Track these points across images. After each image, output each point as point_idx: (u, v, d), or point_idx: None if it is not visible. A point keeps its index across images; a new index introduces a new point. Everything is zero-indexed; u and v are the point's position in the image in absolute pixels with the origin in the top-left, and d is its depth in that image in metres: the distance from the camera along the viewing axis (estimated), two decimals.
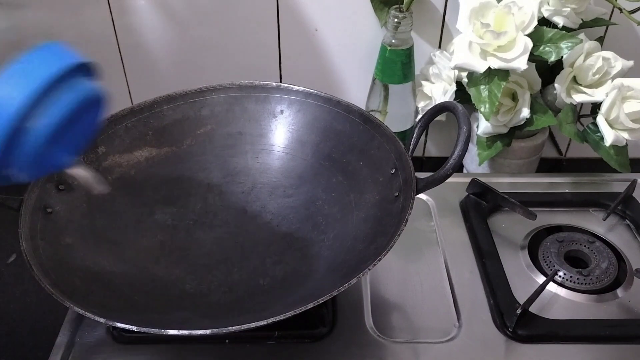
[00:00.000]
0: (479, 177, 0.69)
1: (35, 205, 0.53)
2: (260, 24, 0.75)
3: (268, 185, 0.64)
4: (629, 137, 0.67)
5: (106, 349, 0.54)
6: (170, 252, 0.59)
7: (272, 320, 0.43)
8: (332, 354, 0.54)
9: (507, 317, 0.55)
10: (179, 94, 0.64)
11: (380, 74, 0.73)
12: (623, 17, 0.67)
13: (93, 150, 0.59)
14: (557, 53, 0.65)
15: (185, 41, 0.76)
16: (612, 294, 0.59)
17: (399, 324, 0.56)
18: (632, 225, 0.67)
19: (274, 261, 0.58)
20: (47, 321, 0.61)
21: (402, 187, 0.54)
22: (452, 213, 0.68)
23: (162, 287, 0.55)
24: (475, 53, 0.65)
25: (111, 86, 0.79)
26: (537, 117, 0.70)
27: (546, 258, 0.62)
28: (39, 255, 0.50)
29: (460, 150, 0.52)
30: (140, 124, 0.62)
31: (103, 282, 0.52)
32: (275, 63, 0.78)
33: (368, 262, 0.46)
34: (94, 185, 0.47)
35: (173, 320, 0.51)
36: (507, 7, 0.64)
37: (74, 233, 0.55)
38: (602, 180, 0.73)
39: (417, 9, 0.72)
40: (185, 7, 0.74)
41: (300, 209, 0.61)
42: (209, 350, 0.54)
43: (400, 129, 0.76)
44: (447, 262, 0.62)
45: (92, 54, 0.81)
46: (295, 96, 0.64)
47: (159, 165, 0.63)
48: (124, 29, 0.75)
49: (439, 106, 0.57)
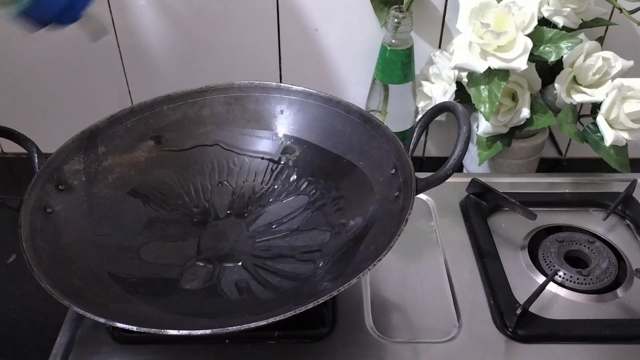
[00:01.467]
0: (479, 177, 0.69)
1: (35, 205, 0.53)
2: (260, 24, 0.75)
3: (268, 186, 0.64)
4: (629, 137, 0.67)
5: (106, 349, 0.54)
6: (171, 252, 0.59)
7: (272, 320, 0.43)
8: (332, 354, 0.54)
9: (507, 317, 0.55)
10: (179, 94, 0.64)
11: (380, 74, 0.73)
12: (623, 17, 0.67)
13: (93, 150, 0.60)
14: (557, 53, 0.65)
15: (185, 41, 0.76)
16: (612, 294, 0.59)
17: (399, 324, 0.56)
18: (632, 225, 0.67)
19: (274, 260, 0.58)
20: (47, 321, 0.61)
21: (402, 187, 0.54)
22: (452, 213, 0.68)
23: (162, 287, 0.55)
24: (475, 53, 0.65)
25: (111, 86, 0.80)
26: (537, 117, 0.70)
27: (546, 258, 0.62)
28: (39, 255, 0.50)
29: (460, 150, 0.52)
30: (140, 124, 0.62)
31: (103, 282, 0.52)
32: (275, 63, 0.78)
33: (368, 262, 0.46)
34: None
35: (173, 320, 0.50)
36: (507, 7, 0.64)
37: (74, 233, 0.55)
38: (602, 180, 0.73)
39: (417, 9, 0.72)
40: (185, 7, 0.74)
41: (301, 209, 0.62)
42: (209, 350, 0.54)
43: (400, 129, 0.76)
44: (447, 262, 0.62)
45: (92, 54, 0.81)
46: (295, 96, 0.64)
47: (159, 165, 0.63)
48: (124, 29, 0.75)
49: (439, 106, 0.57)
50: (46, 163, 0.56)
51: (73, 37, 0.75)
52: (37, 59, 0.77)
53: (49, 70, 0.79)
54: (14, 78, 0.80)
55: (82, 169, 0.58)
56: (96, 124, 0.60)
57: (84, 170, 0.58)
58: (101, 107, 0.63)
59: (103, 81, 0.80)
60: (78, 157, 0.58)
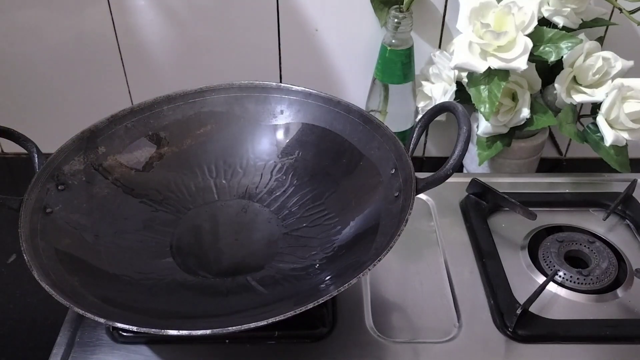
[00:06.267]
0: (479, 177, 0.69)
1: (35, 205, 0.53)
2: (260, 24, 0.75)
3: (268, 185, 0.64)
4: (629, 137, 0.67)
5: (106, 349, 0.54)
6: (170, 252, 0.59)
7: (272, 320, 0.43)
8: (332, 354, 0.54)
9: (507, 317, 0.55)
10: (179, 94, 0.64)
11: (380, 74, 0.73)
12: (623, 17, 0.67)
13: (93, 150, 0.60)
14: (557, 53, 0.65)
15: (185, 41, 0.76)
16: (612, 294, 0.59)
17: (399, 324, 0.56)
18: (632, 225, 0.67)
19: (274, 259, 0.58)
20: (47, 321, 0.61)
21: (402, 187, 0.54)
22: (452, 213, 0.68)
23: (162, 287, 0.55)
24: (475, 53, 0.65)
25: (111, 86, 0.80)
26: (537, 117, 0.70)
27: (546, 258, 0.62)
28: (39, 255, 0.50)
29: (460, 150, 0.52)
30: (140, 124, 0.63)
31: (103, 283, 0.52)
32: (275, 63, 0.78)
33: (368, 262, 0.46)
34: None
35: (173, 320, 0.50)
36: (507, 7, 0.64)
37: (74, 233, 0.55)
38: (602, 180, 0.73)
39: (417, 9, 0.72)
40: (185, 7, 0.74)
41: (301, 209, 0.62)
42: (209, 350, 0.54)
43: (400, 129, 0.76)
44: (447, 262, 0.62)
45: (92, 54, 0.82)
46: (295, 96, 0.64)
47: (159, 166, 0.63)
48: (124, 29, 0.75)
49: (439, 106, 0.57)
50: (46, 163, 0.56)
51: (73, 37, 0.76)
52: (37, 59, 0.78)
53: (49, 70, 0.79)
54: (14, 78, 0.80)
55: (82, 169, 0.58)
56: (96, 124, 0.60)
57: (84, 170, 0.58)
58: (101, 107, 0.63)
59: (103, 81, 0.80)
60: (78, 157, 0.58)
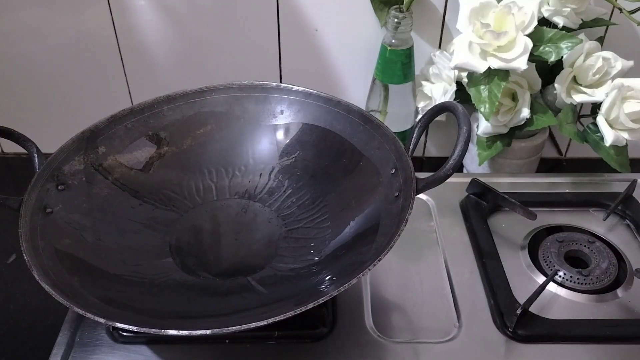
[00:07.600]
0: (479, 177, 0.69)
1: (35, 205, 0.53)
2: (260, 24, 0.75)
3: (268, 185, 0.64)
4: (629, 137, 0.67)
5: (106, 349, 0.54)
6: (170, 252, 0.59)
7: (272, 320, 0.43)
8: (332, 354, 0.54)
9: (507, 317, 0.55)
10: (179, 94, 0.64)
11: (380, 74, 0.73)
12: (623, 17, 0.67)
13: (93, 150, 0.60)
14: (557, 53, 0.65)
15: (185, 41, 0.76)
16: (612, 294, 0.59)
17: (399, 324, 0.56)
18: (632, 225, 0.67)
19: (274, 259, 0.58)
20: (47, 321, 0.61)
21: (402, 187, 0.54)
22: (452, 213, 0.68)
23: (162, 287, 0.55)
24: (475, 53, 0.65)
25: (111, 86, 0.80)
26: (537, 117, 0.70)
27: (546, 258, 0.62)
28: (39, 255, 0.50)
29: (460, 150, 0.52)
30: (140, 124, 0.63)
31: (103, 283, 0.52)
32: (275, 63, 0.78)
33: (368, 262, 0.46)
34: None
35: (173, 320, 0.50)
36: (507, 7, 0.64)
37: (74, 233, 0.55)
38: (602, 180, 0.73)
39: (417, 9, 0.72)
40: (185, 8, 0.74)
41: (301, 209, 0.62)
42: (209, 350, 0.54)
43: (400, 129, 0.76)
44: (447, 262, 0.62)
45: (92, 54, 0.82)
46: (295, 96, 0.64)
47: (159, 166, 0.63)
48: (124, 29, 0.75)
49: (439, 106, 0.57)
50: (46, 163, 0.56)
51: (73, 37, 0.76)
52: (37, 59, 0.78)
53: (49, 70, 0.79)
54: (14, 78, 0.80)
55: (82, 169, 0.58)
56: (96, 124, 0.60)
57: (84, 170, 0.58)
58: (101, 107, 0.63)
59: (103, 81, 0.80)
60: (78, 157, 0.58)
